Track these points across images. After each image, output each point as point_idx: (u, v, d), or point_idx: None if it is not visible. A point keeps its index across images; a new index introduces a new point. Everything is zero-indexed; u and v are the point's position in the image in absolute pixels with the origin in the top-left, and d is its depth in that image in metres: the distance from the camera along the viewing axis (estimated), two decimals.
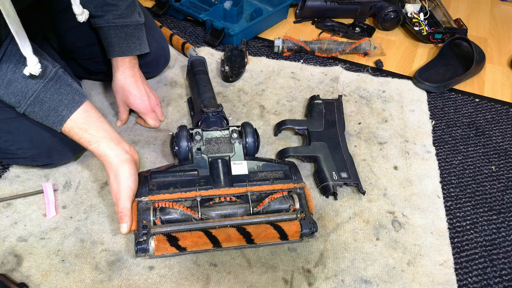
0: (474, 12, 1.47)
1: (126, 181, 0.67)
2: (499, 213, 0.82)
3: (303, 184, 0.74)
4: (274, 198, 0.71)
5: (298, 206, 0.71)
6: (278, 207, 0.71)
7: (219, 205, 0.70)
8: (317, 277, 0.68)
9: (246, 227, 0.66)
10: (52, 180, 0.81)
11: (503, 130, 1.00)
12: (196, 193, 0.69)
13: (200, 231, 0.65)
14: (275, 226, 0.67)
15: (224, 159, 0.76)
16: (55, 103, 0.66)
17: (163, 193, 0.69)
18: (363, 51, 1.20)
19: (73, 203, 0.77)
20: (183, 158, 0.76)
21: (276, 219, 0.68)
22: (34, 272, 0.67)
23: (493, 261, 0.74)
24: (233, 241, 0.65)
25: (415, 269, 0.70)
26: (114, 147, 0.68)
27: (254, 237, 0.66)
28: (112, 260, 0.69)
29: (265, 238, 0.66)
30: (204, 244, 0.65)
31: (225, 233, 0.65)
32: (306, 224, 0.68)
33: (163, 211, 0.68)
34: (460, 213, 0.81)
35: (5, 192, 0.78)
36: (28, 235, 0.72)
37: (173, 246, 0.63)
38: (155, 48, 0.95)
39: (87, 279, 0.66)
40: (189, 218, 0.68)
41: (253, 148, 0.78)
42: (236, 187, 0.71)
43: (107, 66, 0.92)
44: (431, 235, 0.76)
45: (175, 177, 0.72)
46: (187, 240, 0.64)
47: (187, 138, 0.76)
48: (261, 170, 0.75)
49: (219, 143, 0.78)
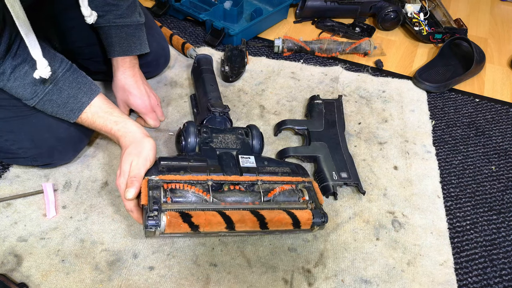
0: (474, 12, 1.47)
1: (148, 152, 0.67)
2: (499, 213, 0.82)
3: (310, 178, 0.76)
4: (284, 189, 0.71)
5: (307, 198, 0.71)
6: (288, 198, 0.71)
7: (230, 193, 0.69)
8: (317, 277, 0.68)
9: (260, 210, 0.66)
10: (52, 180, 0.80)
11: (503, 130, 1.00)
12: (208, 177, 0.68)
13: (214, 211, 0.64)
14: (288, 212, 0.67)
15: (232, 153, 0.77)
16: (74, 91, 0.68)
17: (174, 174, 0.67)
18: (363, 51, 1.20)
19: (73, 203, 0.77)
20: (189, 151, 0.76)
21: (288, 207, 0.69)
22: (34, 272, 0.67)
23: (493, 261, 0.74)
24: (247, 223, 0.64)
25: (415, 269, 0.70)
26: (140, 126, 0.72)
27: (268, 221, 0.65)
28: (112, 260, 0.69)
29: (279, 223, 0.65)
30: (217, 223, 0.62)
31: (240, 214, 0.64)
32: (318, 213, 0.68)
33: (173, 192, 0.65)
34: (460, 213, 0.81)
35: (5, 192, 0.78)
36: (28, 235, 0.72)
37: (186, 222, 0.61)
38: (155, 48, 0.95)
39: (87, 279, 0.66)
40: (201, 199, 0.66)
41: (258, 149, 0.81)
42: (247, 175, 0.72)
43: (107, 66, 0.92)
44: (431, 235, 0.76)
45: (185, 163, 0.71)
46: (201, 217, 0.62)
47: (195, 133, 0.76)
48: (269, 165, 0.76)
49: (227, 139, 0.79)
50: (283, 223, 0.65)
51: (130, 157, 0.67)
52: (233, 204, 0.67)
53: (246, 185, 0.71)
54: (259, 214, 0.65)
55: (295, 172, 0.76)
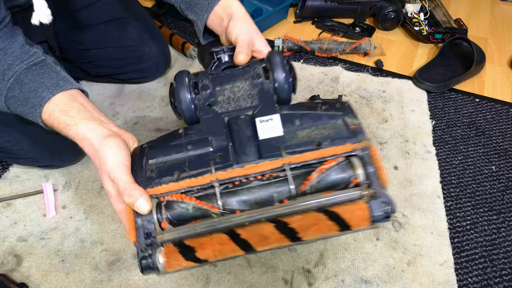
0: (474, 12, 1.47)
1: (114, 157, 0.49)
2: (499, 213, 0.81)
3: (367, 142, 0.49)
4: (326, 170, 0.49)
5: (362, 177, 0.48)
6: (332, 182, 0.48)
7: (246, 189, 0.49)
8: (317, 277, 0.68)
9: (288, 220, 0.46)
10: (52, 180, 0.80)
11: (503, 130, 1.00)
12: (212, 177, 0.47)
13: (223, 234, 0.46)
14: (331, 215, 0.46)
15: (247, 115, 0.51)
16: (36, 84, 0.56)
17: (166, 181, 0.48)
18: (363, 51, 1.20)
19: (73, 203, 0.77)
20: (189, 120, 0.53)
21: (331, 202, 0.47)
22: (34, 272, 0.67)
23: (493, 261, 0.74)
24: (271, 241, 0.47)
25: (415, 269, 0.70)
26: (95, 128, 0.52)
27: (301, 235, 0.46)
28: (112, 260, 0.69)
29: (317, 233, 0.47)
30: (231, 251, 0.47)
31: (259, 233, 0.46)
32: (378, 204, 0.46)
33: (170, 207, 0.48)
34: (460, 213, 0.81)
35: (5, 192, 0.78)
36: (28, 235, 0.72)
37: (189, 260, 0.46)
38: (156, 54, 0.96)
39: (87, 279, 0.66)
40: (206, 213, 0.48)
41: (287, 89, 0.52)
42: (267, 160, 0.48)
43: (106, 69, 0.92)
44: (431, 235, 0.76)
45: (180, 153, 0.50)
46: (207, 249, 0.46)
47: (188, 88, 0.52)
48: (302, 126, 0.50)
49: (236, 91, 0.53)
50: (323, 231, 0.47)
51: (103, 174, 0.50)
52: (251, 212, 0.47)
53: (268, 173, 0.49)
54: (287, 228, 0.46)
55: (342, 132, 0.49)
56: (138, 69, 0.98)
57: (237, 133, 0.49)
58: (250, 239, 0.45)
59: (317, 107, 0.52)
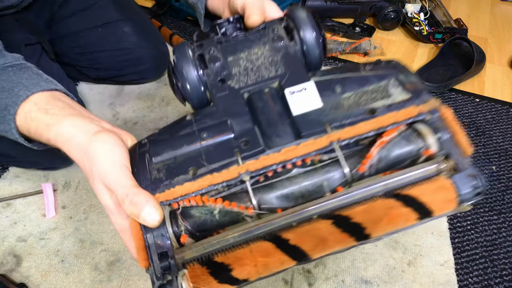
0: (474, 12, 1.47)
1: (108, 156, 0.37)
2: (499, 213, 0.81)
3: (434, 101, 0.37)
4: (386, 143, 0.37)
5: (435, 147, 0.36)
6: (397, 157, 0.37)
7: (286, 180, 0.38)
8: (317, 277, 0.68)
9: (349, 214, 0.35)
10: (52, 180, 0.80)
11: (503, 130, 1.00)
12: (240, 169, 0.36)
13: (266, 242, 0.35)
14: (405, 200, 0.35)
15: (272, 87, 0.40)
16: (11, 84, 0.46)
17: (179, 182, 0.36)
18: (363, 51, 1.20)
19: (73, 203, 0.77)
20: (197, 102, 0.42)
21: (402, 183, 0.35)
22: (33, 272, 0.66)
23: (493, 261, 0.73)
24: (331, 246, 0.36)
25: (416, 269, 0.70)
26: (83, 124, 0.41)
27: (369, 231, 0.35)
28: (111, 261, 0.68)
29: (390, 225, 0.36)
30: (279, 263, 0.35)
31: (313, 235, 0.35)
32: (463, 179, 0.35)
33: (188, 214, 0.36)
34: (461, 213, 0.81)
35: (4, 192, 0.78)
36: (28, 235, 0.71)
37: (224, 282, 0.34)
38: (155, 55, 0.96)
39: (86, 279, 0.66)
40: (238, 218, 0.37)
41: (318, 50, 0.42)
42: (310, 139, 0.36)
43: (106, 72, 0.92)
44: (431, 235, 0.76)
45: (193, 144, 0.38)
46: (247, 265, 0.34)
47: (194, 62, 0.41)
48: (345, 93, 0.39)
49: (256, 59, 0.42)
50: (399, 223, 0.36)
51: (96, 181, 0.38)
52: (297, 209, 0.35)
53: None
54: (349, 223, 0.35)
55: (400, 95, 0.38)
56: (137, 71, 0.97)
57: (263, 111, 0.38)
58: (303, 244, 0.34)
59: (360, 69, 0.41)
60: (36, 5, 0.80)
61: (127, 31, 0.92)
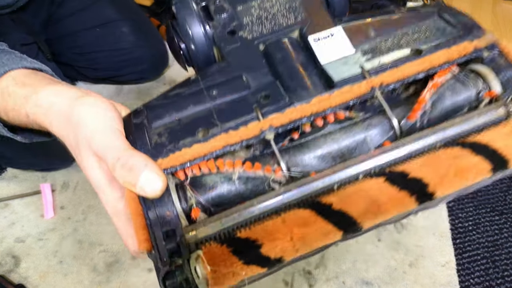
0: (476, 10, 1.47)
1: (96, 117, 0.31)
2: (501, 214, 0.81)
3: (491, 37, 0.33)
4: (439, 87, 0.32)
5: (499, 88, 0.31)
6: (453, 105, 0.32)
7: (321, 136, 0.32)
8: (318, 279, 0.68)
9: (406, 169, 0.28)
10: (50, 180, 0.80)
11: None
12: (262, 124, 0.29)
13: (303, 210, 0.28)
14: (474, 147, 0.29)
15: (291, 37, 0.35)
16: None
17: (187, 144, 0.29)
18: None
19: (71, 204, 0.76)
20: (203, 61, 0.37)
21: (464, 131, 0.30)
22: (32, 273, 0.66)
23: (495, 262, 0.73)
24: (387, 209, 0.28)
25: (417, 270, 0.70)
26: (64, 91, 0.35)
27: (433, 188, 0.28)
28: (110, 262, 0.68)
29: (460, 180, 0.29)
30: (321, 235, 0.28)
31: (362, 196, 0.28)
32: None
33: (199, 184, 0.30)
34: (463, 214, 0.80)
35: (2, 193, 0.77)
36: (26, 236, 0.71)
37: (252, 262, 0.26)
38: (153, 54, 0.95)
39: (85, 280, 0.66)
40: (263, 185, 0.30)
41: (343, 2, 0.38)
42: (345, 86, 0.30)
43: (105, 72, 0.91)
44: (433, 236, 0.75)
45: (201, 103, 0.32)
46: (280, 239, 0.27)
47: (198, 14, 0.36)
48: (380, 37, 0.33)
49: (270, 7, 0.36)
50: (467, 175, 0.29)
51: (82, 147, 0.31)
52: (339, 169, 0.29)
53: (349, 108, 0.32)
54: (406, 179, 0.28)
55: (447, 32, 0.32)
56: (136, 70, 0.97)
57: (284, 63, 0.33)
58: (350, 208, 0.27)
59: (394, 11, 0.35)
60: (32, 5, 0.80)
61: (125, 31, 0.91)
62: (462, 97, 0.31)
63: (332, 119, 0.31)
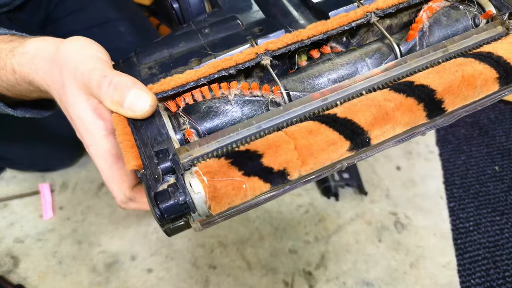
0: None
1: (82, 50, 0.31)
2: (502, 214, 0.80)
3: None
4: (436, 11, 0.33)
5: (492, 8, 0.32)
6: (450, 27, 0.33)
7: (321, 62, 0.32)
8: (318, 279, 0.67)
9: (412, 79, 0.28)
10: (49, 181, 0.79)
11: (506, 130, 0.99)
12: (256, 49, 0.29)
13: (307, 122, 0.27)
14: (478, 56, 0.29)
15: None
16: None
17: (179, 71, 0.29)
18: None
19: (70, 204, 0.76)
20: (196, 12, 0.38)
21: (464, 47, 0.31)
22: (31, 273, 0.66)
23: (496, 262, 0.73)
24: (395, 117, 0.27)
25: (418, 271, 0.69)
26: (49, 37, 0.36)
27: (441, 95, 0.27)
28: (109, 262, 0.68)
29: (467, 88, 0.28)
30: (327, 146, 0.25)
31: (368, 104, 0.27)
32: None
33: (192, 110, 0.28)
34: (463, 214, 0.80)
35: (1, 193, 0.77)
36: (25, 236, 0.71)
37: (253, 174, 0.24)
38: None
39: (84, 281, 0.65)
40: (261, 108, 0.29)
41: None
42: (341, 13, 0.31)
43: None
44: (434, 236, 0.75)
45: (194, 40, 0.32)
46: (283, 148, 0.25)
47: None
48: None
49: None
50: (475, 84, 0.28)
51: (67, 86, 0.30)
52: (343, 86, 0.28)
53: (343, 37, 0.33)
54: (415, 87, 0.27)
55: None
56: None
57: (276, 5, 0.33)
58: (356, 116, 0.26)
59: None
60: (30, 4, 0.79)
61: (123, 31, 0.91)
62: (457, 22, 0.32)
63: (328, 50, 0.31)
